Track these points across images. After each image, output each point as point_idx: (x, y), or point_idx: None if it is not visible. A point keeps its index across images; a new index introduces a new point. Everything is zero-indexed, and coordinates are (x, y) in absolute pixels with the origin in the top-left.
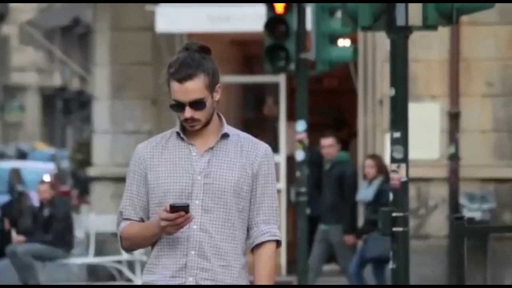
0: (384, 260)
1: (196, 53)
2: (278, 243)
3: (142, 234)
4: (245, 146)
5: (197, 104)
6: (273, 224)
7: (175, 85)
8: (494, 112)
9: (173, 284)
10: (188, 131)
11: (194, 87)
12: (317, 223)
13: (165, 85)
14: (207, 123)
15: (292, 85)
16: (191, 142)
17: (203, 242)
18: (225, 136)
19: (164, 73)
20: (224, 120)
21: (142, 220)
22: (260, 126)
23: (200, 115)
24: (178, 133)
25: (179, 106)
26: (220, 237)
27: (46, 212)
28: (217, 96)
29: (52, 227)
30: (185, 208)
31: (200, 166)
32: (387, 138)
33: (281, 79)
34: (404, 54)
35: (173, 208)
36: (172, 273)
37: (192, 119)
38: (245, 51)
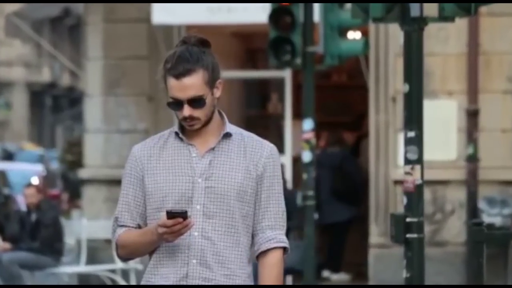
0: (296, 271)
1: (194, 47)
2: (285, 250)
3: (140, 241)
4: (248, 146)
5: (196, 102)
6: (279, 230)
7: (172, 81)
8: None
9: None
10: (187, 131)
11: (193, 84)
12: (332, 233)
13: (161, 81)
14: (207, 122)
15: (299, 80)
16: (190, 142)
17: (205, 250)
18: (227, 135)
19: (160, 69)
20: (226, 118)
21: (139, 227)
22: (264, 125)
23: (199, 113)
24: (176, 133)
25: (176, 104)
26: (223, 244)
27: (33, 217)
28: (217, 93)
29: (39, 234)
30: (183, 215)
31: (201, 168)
32: (401, 137)
33: (286, 74)
34: (418, 48)
35: (170, 215)
36: (172, 284)
37: (191, 118)
38: (248, 44)
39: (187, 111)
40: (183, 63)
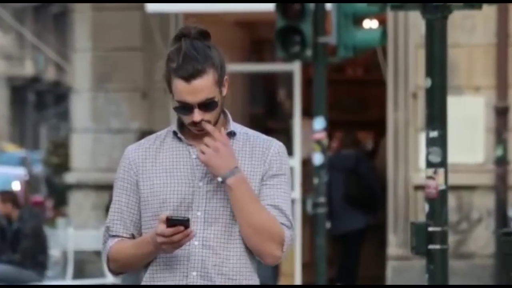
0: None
1: (198, 42)
2: (285, 243)
3: (134, 253)
4: (256, 146)
5: (208, 105)
6: (285, 228)
7: (180, 84)
8: None
9: None
10: (187, 130)
11: (204, 86)
12: (345, 243)
13: (163, 81)
14: (215, 123)
15: (309, 75)
16: (190, 142)
17: (206, 261)
18: (230, 135)
19: (161, 67)
20: (229, 116)
21: (133, 237)
22: (271, 124)
23: (210, 116)
24: (175, 133)
25: (185, 108)
26: (226, 254)
27: (15, 227)
28: (225, 91)
29: (19, 245)
30: (185, 223)
31: (202, 171)
32: (422, 138)
33: (295, 68)
34: (442, 38)
35: (170, 222)
36: None
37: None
38: (252, 35)
39: (198, 116)
40: (191, 62)
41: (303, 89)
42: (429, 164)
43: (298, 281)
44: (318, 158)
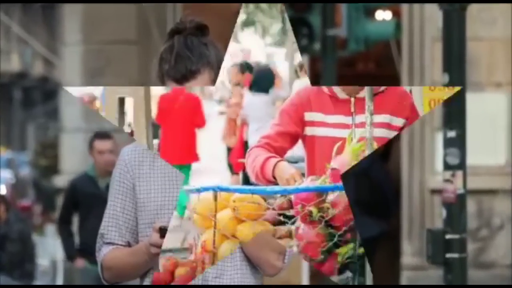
0: None
1: (193, 38)
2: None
3: (129, 262)
4: None
5: None
6: None
7: (173, 86)
8: None
9: None
10: None
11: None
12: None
13: (158, 82)
14: None
15: (317, 69)
16: None
17: (207, 273)
18: None
19: (155, 65)
20: None
21: (128, 245)
22: None
23: None
24: None
25: None
26: (230, 264)
27: (2, 230)
28: None
29: (5, 252)
30: None
31: None
32: (439, 138)
33: (303, 62)
34: (460, 31)
35: (164, 232)
36: None
37: None
38: None
39: None
40: (184, 62)
41: (311, 84)
42: (447, 166)
43: None
44: None
